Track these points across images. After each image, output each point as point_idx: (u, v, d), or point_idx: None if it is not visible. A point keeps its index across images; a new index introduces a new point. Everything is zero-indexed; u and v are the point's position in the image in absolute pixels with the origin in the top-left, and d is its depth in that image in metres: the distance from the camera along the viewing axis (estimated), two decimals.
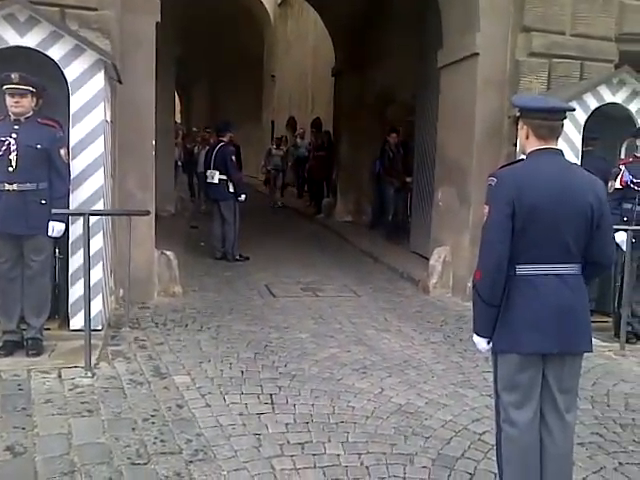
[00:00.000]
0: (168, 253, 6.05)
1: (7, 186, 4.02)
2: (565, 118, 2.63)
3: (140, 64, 5.64)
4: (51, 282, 4.48)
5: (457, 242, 6.63)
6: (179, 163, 13.72)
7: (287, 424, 3.49)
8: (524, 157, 2.67)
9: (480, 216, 6.32)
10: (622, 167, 5.23)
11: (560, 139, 2.65)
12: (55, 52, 4.44)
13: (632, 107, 5.66)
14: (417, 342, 5.04)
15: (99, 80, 4.54)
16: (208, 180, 8.28)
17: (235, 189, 8.11)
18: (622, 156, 5.91)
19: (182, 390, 3.83)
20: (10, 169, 4.02)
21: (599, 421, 3.63)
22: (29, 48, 4.40)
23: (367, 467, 3.08)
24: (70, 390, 3.66)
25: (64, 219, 4.23)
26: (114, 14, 5.21)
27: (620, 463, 3.16)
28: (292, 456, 3.15)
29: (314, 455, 3.17)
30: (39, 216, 4.09)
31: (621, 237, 4.92)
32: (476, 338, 2.60)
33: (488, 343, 2.56)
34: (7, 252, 4.13)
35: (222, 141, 8.29)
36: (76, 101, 4.52)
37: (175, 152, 12.95)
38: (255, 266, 7.81)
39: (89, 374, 3.89)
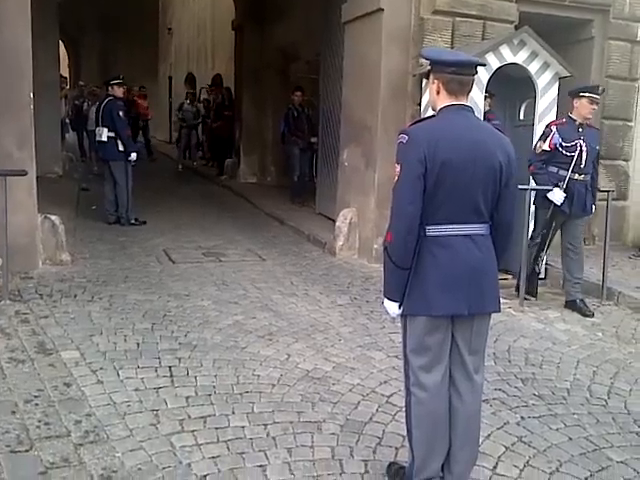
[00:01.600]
0: (52, 217, 5.54)
1: None
2: (476, 73, 2.52)
3: (11, 6, 5.02)
4: None
5: (363, 203, 6.56)
6: (67, 120, 12.72)
7: (188, 397, 3.27)
8: (434, 113, 2.55)
9: (385, 176, 6.31)
10: (553, 128, 5.00)
11: None
12: None
13: (531, 68, 5.73)
14: (324, 305, 4.93)
15: None
16: (97, 138, 7.67)
17: (125, 147, 7.57)
18: (522, 117, 6.01)
19: (70, 367, 3.50)
20: None
21: (501, 377, 3.69)
22: None
23: (273, 438, 2.94)
24: None
25: None
26: None
27: (522, 417, 3.22)
28: (193, 431, 2.95)
29: (217, 429, 2.99)
30: None
31: (558, 195, 4.89)
32: (387, 302, 2.48)
33: (399, 307, 2.45)
34: None
35: (110, 95, 7.66)
36: None
37: (62, 109, 11.96)
38: (153, 231, 7.40)
39: None
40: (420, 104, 6.16)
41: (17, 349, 3.66)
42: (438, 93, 2.47)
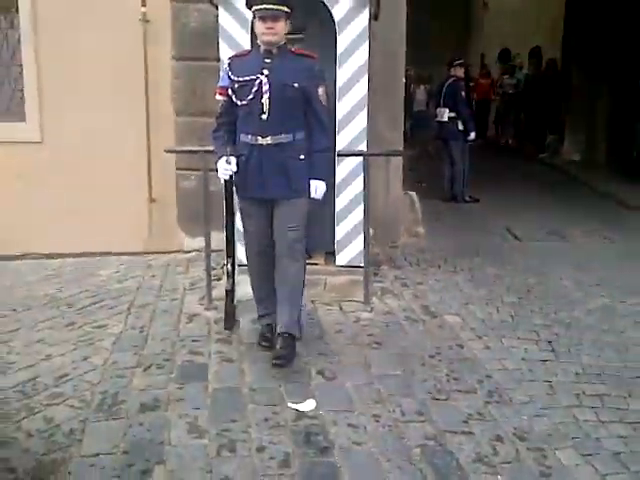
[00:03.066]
0: (411, 194, 6.05)
1: (260, 139, 3.23)
2: None
3: None
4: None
5: None
6: None
7: (576, 374, 3.33)
8: None
9: None
10: None
11: None
12: None
13: None
14: None
15: (364, 18, 4.51)
16: (438, 118, 8.08)
17: (465, 127, 7.82)
18: None
19: (457, 330, 3.84)
20: (263, 117, 3.21)
21: None
22: None
23: None
24: (355, 322, 3.86)
25: (328, 176, 3.56)
26: None
27: None
28: (592, 407, 3.00)
29: (617, 409, 2.99)
30: (299, 175, 3.30)
31: None
32: None
33: None
34: (259, 220, 3.38)
35: (452, 76, 7.99)
36: (343, 41, 4.53)
37: None
38: (487, 208, 7.54)
39: (368, 308, 4.06)
40: None
41: (408, 309, 4.14)
42: None
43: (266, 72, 3.22)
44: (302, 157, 3.31)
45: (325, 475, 2.39)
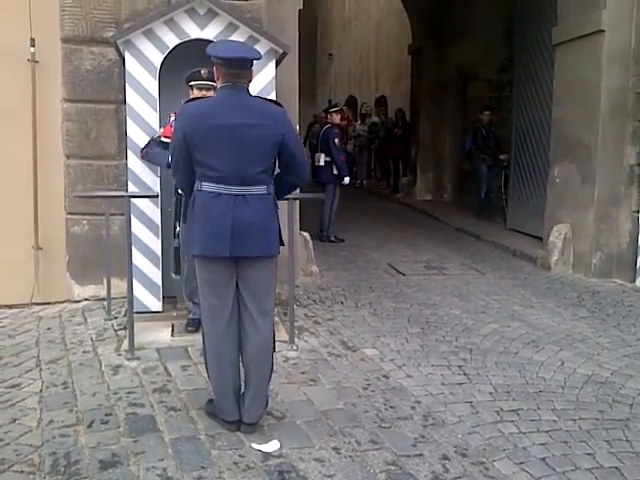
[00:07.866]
0: (304, 234, 6.29)
1: None
2: None
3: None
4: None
5: (579, 219, 6.72)
6: None
7: (490, 393, 3.71)
8: None
9: (604, 192, 6.46)
10: None
11: None
12: None
13: None
14: (567, 317, 5.20)
15: (271, 69, 4.73)
16: (315, 163, 8.46)
17: (339, 172, 8.30)
18: None
19: (378, 362, 4.08)
20: None
21: None
22: (208, 40, 4.60)
23: (587, 431, 3.28)
24: (285, 362, 3.94)
25: None
26: (263, 2, 5.39)
27: None
28: (512, 421, 3.37)
29: (532, 421, 3.39)
30: None
31: None
32: None
33: None
34: None
35: (329, 123, 8.47)
36: (254, 88, 4.70)
37: None
38: (364, 246, 8.03)
39: (294, 347, 4.17)
40: None
41: (328, 345, 4.31)
42: None
43: None
44: None
45: None
